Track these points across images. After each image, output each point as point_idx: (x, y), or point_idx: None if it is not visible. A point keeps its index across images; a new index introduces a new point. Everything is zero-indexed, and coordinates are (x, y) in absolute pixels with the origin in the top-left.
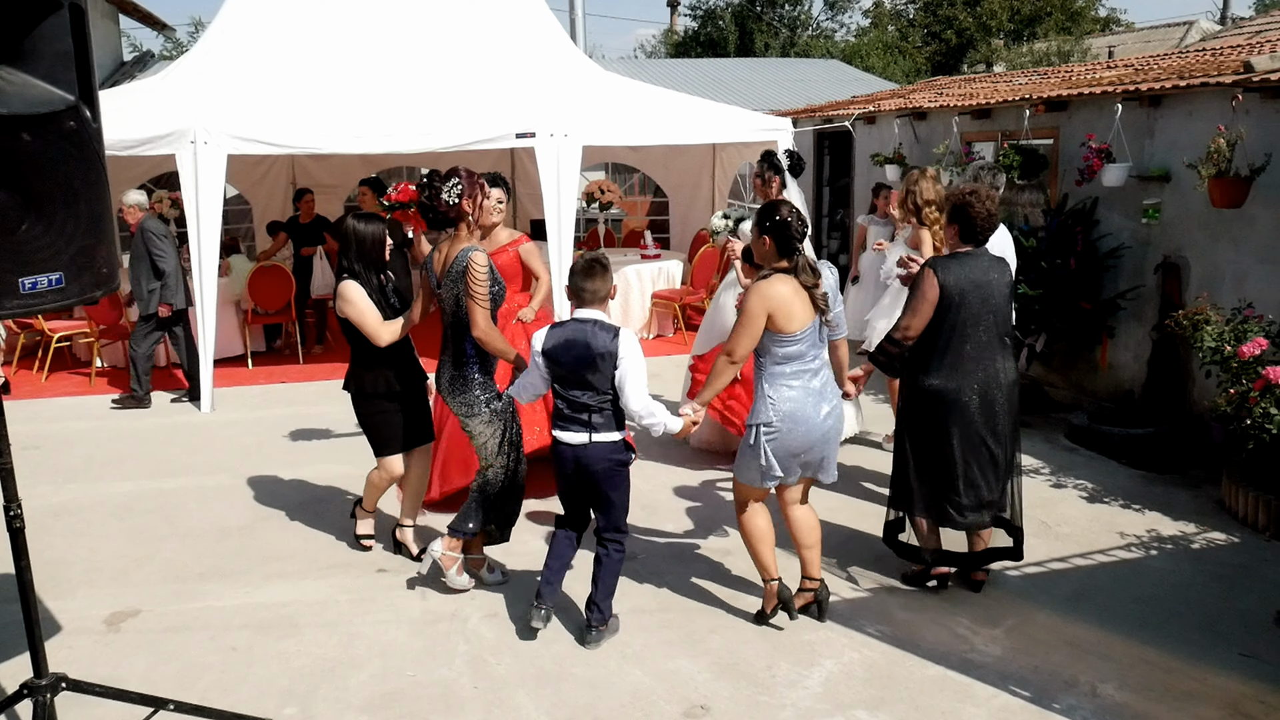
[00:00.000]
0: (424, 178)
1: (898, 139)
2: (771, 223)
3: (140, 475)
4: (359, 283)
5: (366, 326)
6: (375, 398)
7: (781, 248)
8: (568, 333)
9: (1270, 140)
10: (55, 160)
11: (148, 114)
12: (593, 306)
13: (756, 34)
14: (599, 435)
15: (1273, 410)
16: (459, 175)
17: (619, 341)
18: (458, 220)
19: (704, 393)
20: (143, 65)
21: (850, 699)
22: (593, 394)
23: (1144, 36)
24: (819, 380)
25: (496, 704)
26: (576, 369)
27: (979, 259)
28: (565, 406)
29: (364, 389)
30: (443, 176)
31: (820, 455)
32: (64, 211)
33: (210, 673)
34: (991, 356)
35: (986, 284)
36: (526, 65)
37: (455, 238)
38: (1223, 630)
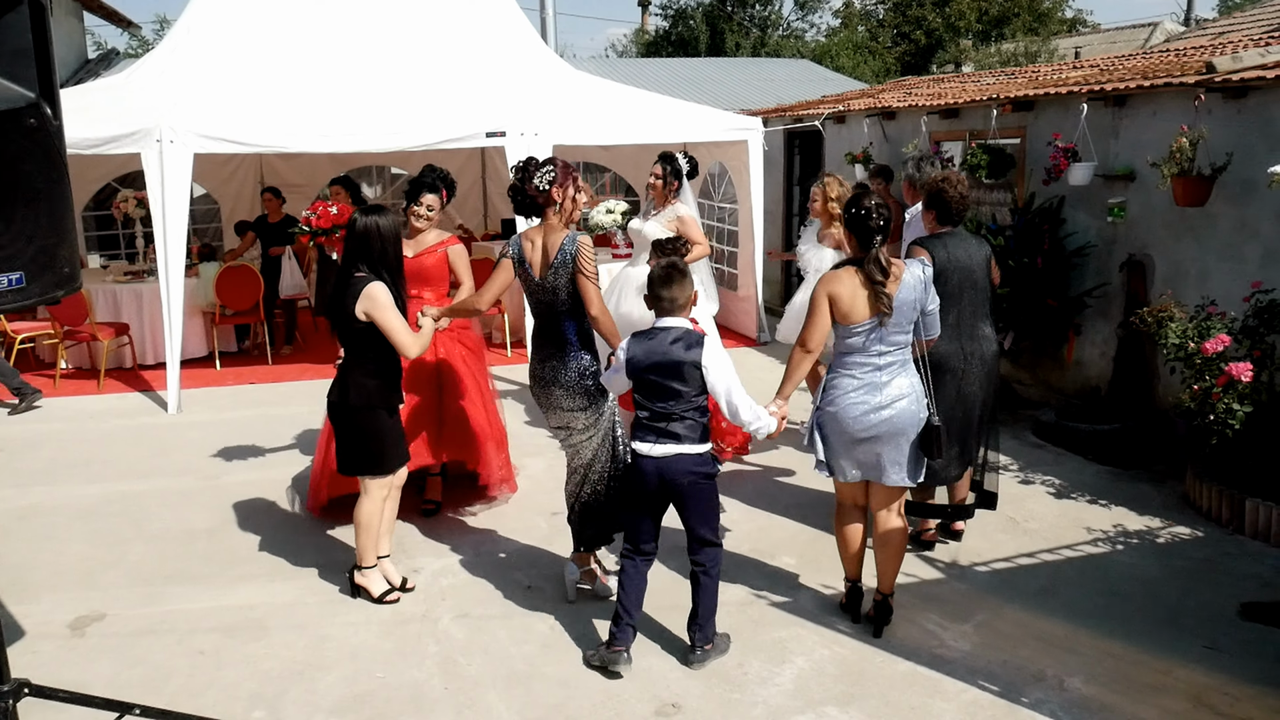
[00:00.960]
0: (519, 163)
1: (867, 138)
2: (850, 215)
3: (106, 478)
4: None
5: (395, 335)
6: (375, 409)
7: (862, 241)
8: (650, 342)
9: (1231, 140)
10: (15, 158)
11: (112, 112)
12: (674, 314)
13: (727, 34)
14: (684, 447)
15: (1235, 406)
16: (554, 163)
17: (702, 350)
18: (544, 207)
19: (784, 385)
20: (107, 63)
21: (821, 695)
22: (677, 403)
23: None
24: (885, 376)
25: (467, 705)
26: (661, 379)
27: (961, 237)
28: (648, 417)
29: (369, 400)
30: (537, 163)
31: (874, 454)
32: (24, 211)
33: (177, 676)
34: (974, 325)
35: (969, 259)
36: (497, 64)
37: (546, 227)
38: (1187, 623)
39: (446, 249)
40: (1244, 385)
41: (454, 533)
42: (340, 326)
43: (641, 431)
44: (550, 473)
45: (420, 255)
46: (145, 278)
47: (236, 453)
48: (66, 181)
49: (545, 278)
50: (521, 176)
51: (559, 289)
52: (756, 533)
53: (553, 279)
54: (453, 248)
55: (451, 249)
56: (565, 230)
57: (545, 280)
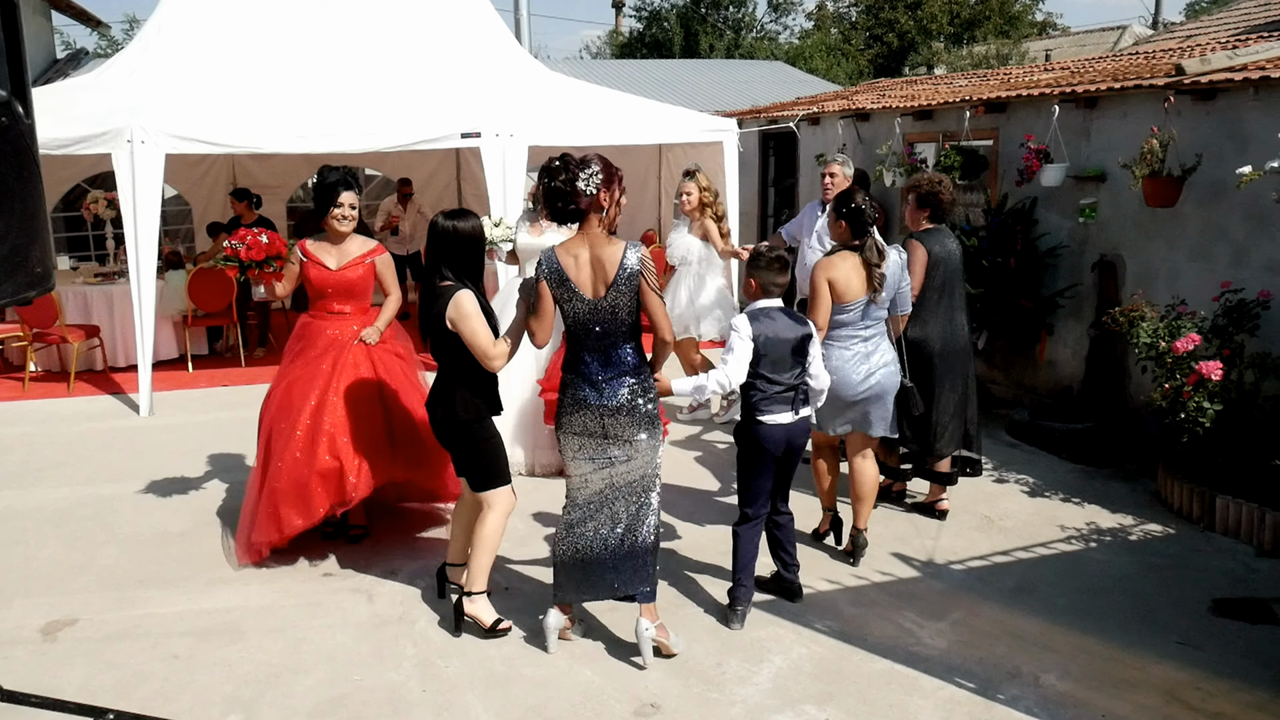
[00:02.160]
0: (555, 161)
1: (841, 140)
2: (848, 209)
3: (77, 481)
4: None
5: (480, 346)
6: (485, 419)
7: (855, 230)
8: (775, 323)
9: (1201, 141)
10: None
11: (83, 112)
12: (777, 298)
13: (701, 35)
14: (804, 411)
15: (1205, 404)
16: (597, 162)
17: (809, 326)
18: (586, 213)
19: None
20: (76, 63)
21: (799, 694)
22: (795, 374)
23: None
24: (868, 347)
25: (445, 707)
26: (786, 354)
27: (946, 234)
28: (778, 390)
29: (479, 411)
30: (577, 162)
31: (863, 412)
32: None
33: (151, 681)
34: (955, 312)
35: (951, 252)
36: (472, 65)
37: (592, 238)
38: (1160, 619)
39: (374, 259)
40: (1214, 384)
41: (430, 535)
42: (434, 339)
43: (768, 404)
44: (520, 478)
45: (345, 268)
46: (116, 279)
47: (210, 455)
48: (39, 181)
49: (605, 298)
50: (566, 178)
51: (619, 309)
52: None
53: (612, 299)
54: (380, 257)
55: (379, 259)
56: (616, 241)
57: (602, 301)
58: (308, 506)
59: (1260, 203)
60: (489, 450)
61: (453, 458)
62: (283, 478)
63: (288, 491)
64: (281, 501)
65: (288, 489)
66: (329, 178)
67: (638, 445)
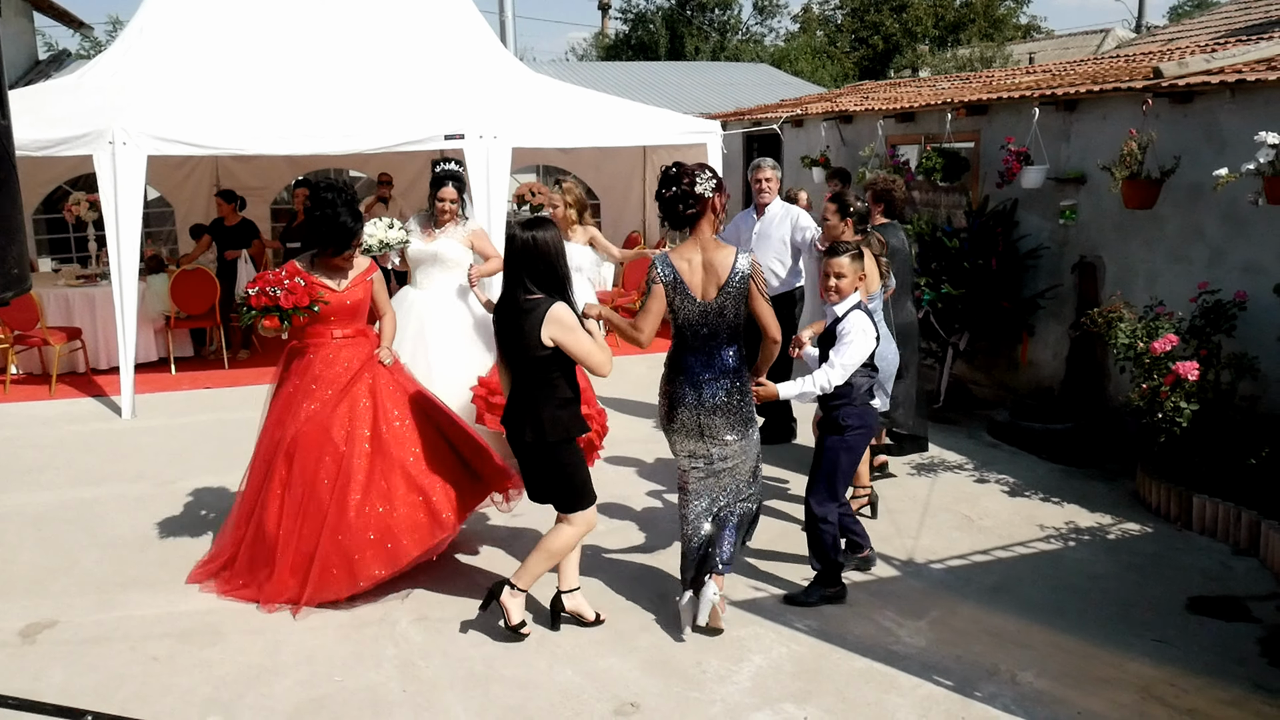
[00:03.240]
0: (672, 168)
1: (824, 141)
2: (852, 210)
3: (59, 484)
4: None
5: (590, 357)
6: (572, 441)
7: (858, 228)
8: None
9: (1179, 143)
10: None
11: (64, 114)
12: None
13: (687, 38)
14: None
15: (1182, 404)
16: (710, 169)
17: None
18: (699, 218)
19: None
20: (59, 64)
21: (778, 692)
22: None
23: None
24: (881, 330)
25: (425, 707)
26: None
27: (898, 227)
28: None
29: (567, 432)
30: (693, 167)
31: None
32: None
33: (130, 683)
34: (906, 299)
35: (904, 244)
36: (455, 67)
37: (703, 243)
38: (1137, 617)
39: (370, 278)
40: (1191, 384)
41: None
42: (516, 358)
43: (869, 392)
44: None
45: (348, 290)
46: (98, 281)
47: (191, 457)
48: (15, 181)
49: (714, 300)
50: (688, 182)
51: (726, 311)
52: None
53: (720, 302)
54: (375, 275)
55: (375, 276)
56: (726, 246)
57: (712, 304)
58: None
59: (1237, 204)
60: (578, 471)
61: (533, 480)
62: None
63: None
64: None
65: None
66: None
67: (733, 443)
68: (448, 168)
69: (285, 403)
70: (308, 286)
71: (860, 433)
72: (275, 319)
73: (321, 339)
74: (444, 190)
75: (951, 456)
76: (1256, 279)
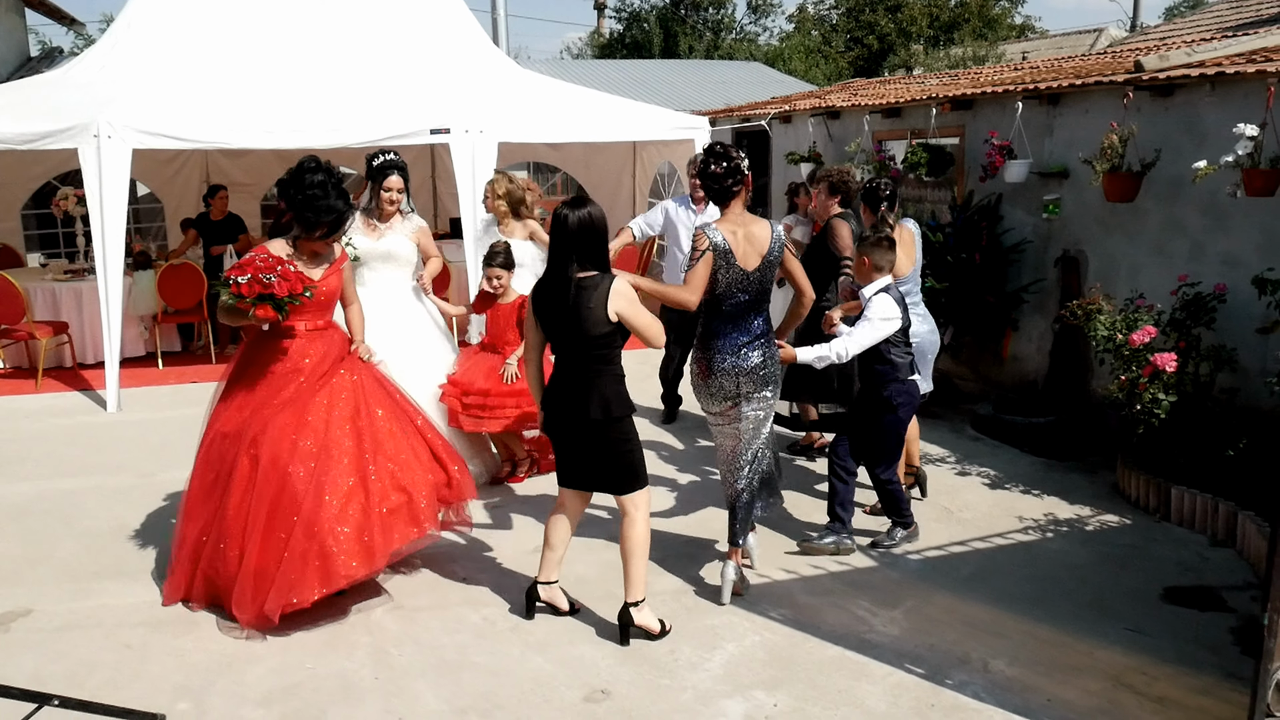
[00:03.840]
0: (717, 146)
1: (812, 138)
2: (866, 190)
3: (39, 476)
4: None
5: (650, 329)
6: (630, 418)
7: (873, 209)
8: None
9: (1160, 137)
10: None
11: (50, 107)
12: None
13: (681, 37)
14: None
15: (1160, 396)
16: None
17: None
18: (740, 193)
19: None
20: (51, 62)
21: (749, 680)
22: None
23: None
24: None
25: (396, 694)
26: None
27: (852, 216)
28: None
29: (627, 408)
30: (732, 149)
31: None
32: None
33: (102, 670)
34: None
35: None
36: (442, 62)
37: (743, 217)
38: (1111, 607)
39: (343, 266)
40: (1169, 375)
41: None
42: (572, 336)
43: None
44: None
45: (325, 278)
46: (85, 276)
47: (174, 450)
48: None
49: (756, 269)
50: (734, 160)
51: (765, 280)
52: (695, 523)
53: (761, 270)
54: (347, 264)
55: (346, 265)
56: (760, 219)
57: (754, 273)
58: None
59: (1217, 197)
60: (637, 447)
61: (590, 461)
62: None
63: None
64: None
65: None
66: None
67: (763, 400)
68: (390, 158)
69: (244, 398)
70: (297, 273)
71: (907, 407)
72: (268, 308)
73: (287, 330)
74: (390, 180)
75: (934, 450)
76: (1236, 271)
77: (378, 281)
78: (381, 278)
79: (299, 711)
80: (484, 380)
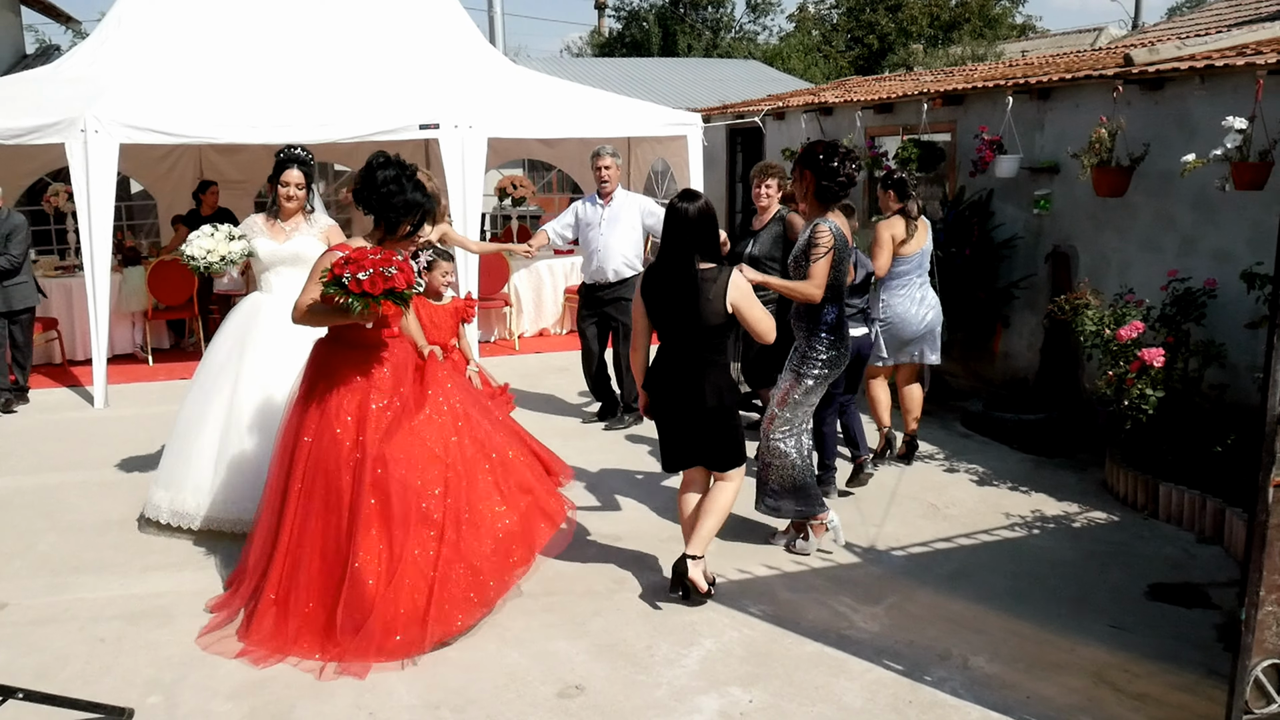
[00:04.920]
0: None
1: (805, 134)
2: (894, 180)
3: (22, 470)
4: None
5: (762, 322)
6: (736, 407)
7: (899, 195)
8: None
9: (1150, 131)
10: None
11: (38, 102)
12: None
13: (680, 36)
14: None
15: (1148, 391)
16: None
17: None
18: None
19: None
20: (46, 59)
21: (726, 676)
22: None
23: (1056, 42)
24: (923, 292)
25: (368, 689)
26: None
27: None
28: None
29: (737, 396)
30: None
31: (920, 347)
32: None
33: (74, 663)
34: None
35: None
36: (434, 58)
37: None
38: (1095, 604)
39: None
40: (1157, 371)
41: None
42: (689, 326)
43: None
44: None
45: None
46: (75, 272)
47: (161, 445)
48: None
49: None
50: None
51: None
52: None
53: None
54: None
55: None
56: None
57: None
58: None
59: (1207, 192)
60: (741, 430)
61: (700, 443)
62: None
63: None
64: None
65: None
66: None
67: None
68: (294, 151)
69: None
70: (405, 262)
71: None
72: (391, 303)
73: (386, 336)
74: (288, 174)
75: (923, 446)
76: (1226, 266)
77: (285, 287)
78: (289, 283)
79: (268, 705)
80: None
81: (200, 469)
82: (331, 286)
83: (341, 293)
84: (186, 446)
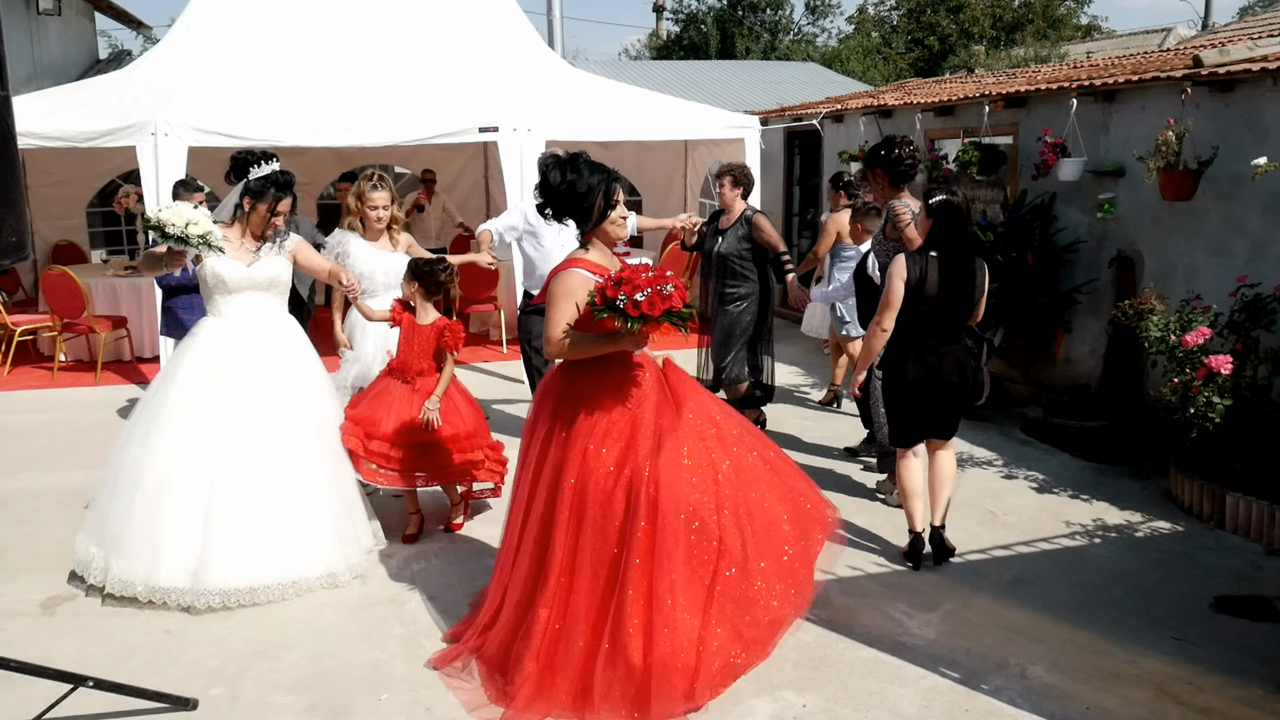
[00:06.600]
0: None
1: (863, 136)
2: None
3: (94, 465)
4: None
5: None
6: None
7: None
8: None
9: (1219, 133)
10: None
11: (111, 106)
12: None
13: (738, 38)
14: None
15: (1215, 399)
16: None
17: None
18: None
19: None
20: (119, 64)
21: (780, 680)
22: None
23: (1123, 43)
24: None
25: (425, 684)
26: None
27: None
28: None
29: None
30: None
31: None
32: None
33: (141, 654)
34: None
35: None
36: (492, 60)
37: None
38: (1158, 615)
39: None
40: (1224, 378)
41: (430, 519)
42: (961, 311)
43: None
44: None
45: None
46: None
47: None
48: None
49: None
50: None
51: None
52: None
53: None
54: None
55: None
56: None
57: None
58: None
59: (1279, 196)
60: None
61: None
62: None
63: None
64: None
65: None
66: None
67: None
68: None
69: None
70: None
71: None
72: (667, 324)
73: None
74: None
75: (980, 453)
76: None
77: (249, 315)
78: (255, 311)
79: (327, 699)
80: (393, 421)
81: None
82: (606, 310)
83: (620, 317)
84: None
